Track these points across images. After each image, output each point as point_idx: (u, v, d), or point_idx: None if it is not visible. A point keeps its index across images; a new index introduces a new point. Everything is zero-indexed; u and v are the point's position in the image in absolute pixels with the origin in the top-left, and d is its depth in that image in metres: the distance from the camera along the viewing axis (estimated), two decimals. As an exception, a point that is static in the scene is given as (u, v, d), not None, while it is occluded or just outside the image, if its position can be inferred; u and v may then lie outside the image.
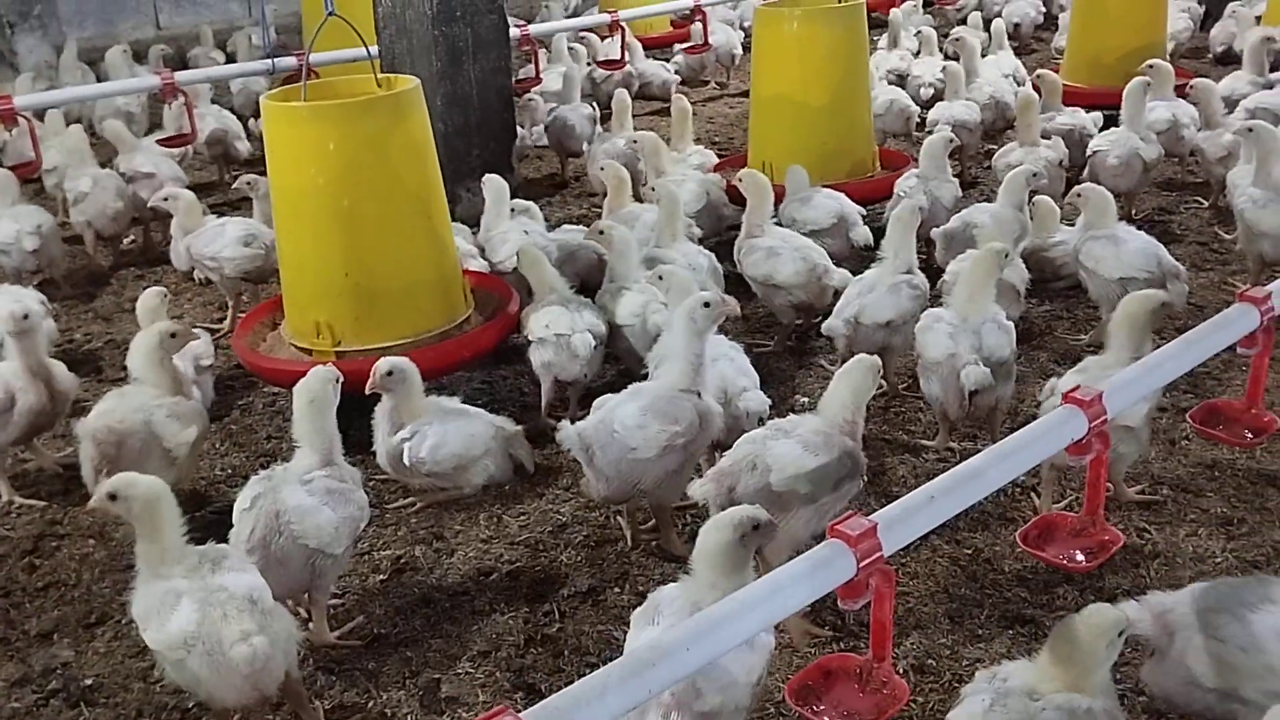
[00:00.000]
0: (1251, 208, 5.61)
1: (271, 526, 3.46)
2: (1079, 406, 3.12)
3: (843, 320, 4.79)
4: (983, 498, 3.04)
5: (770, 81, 6.86)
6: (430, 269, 4.88)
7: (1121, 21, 8.53)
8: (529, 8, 12.76)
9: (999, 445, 3.04)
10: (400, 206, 4.74)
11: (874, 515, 2.70)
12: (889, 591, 2.70)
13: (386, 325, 4.74)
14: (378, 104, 4.70)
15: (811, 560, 2.57)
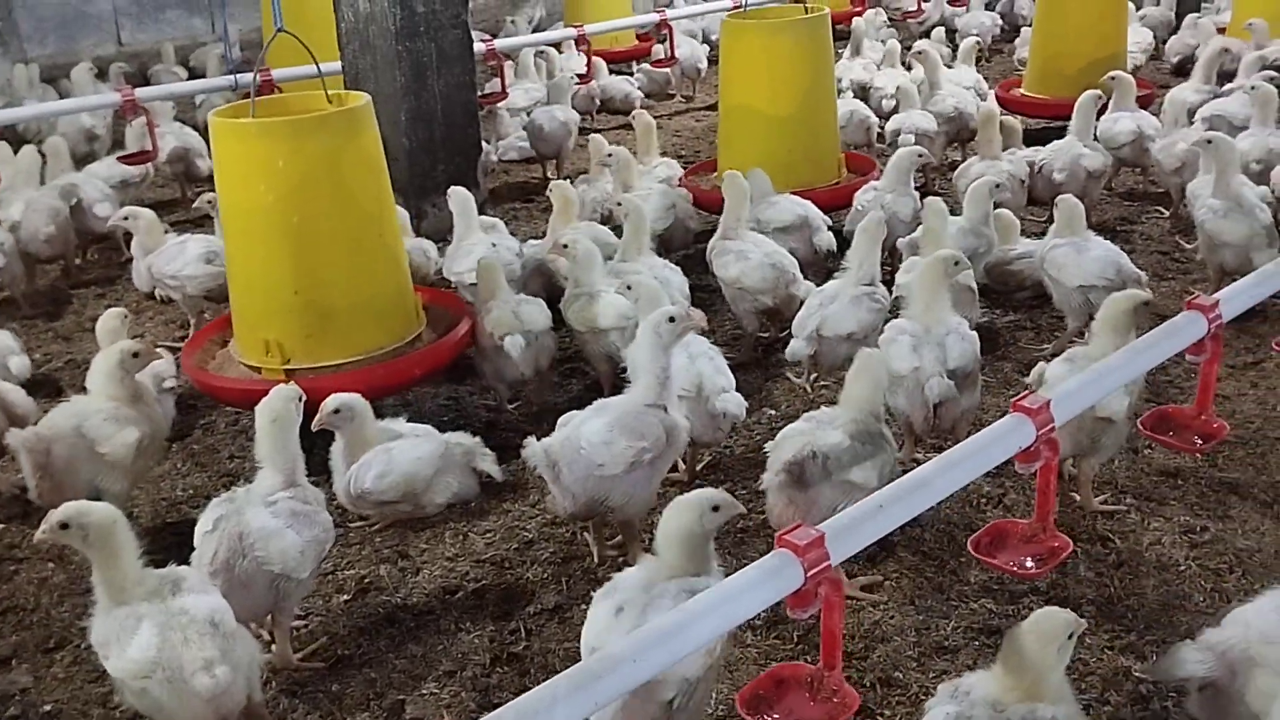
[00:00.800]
0: (1212, 218, 5.67)
1: (235, 549, 3.41)
2: (1026, 415, 3.15)
3: (805, 338, 4.79)
4: (933, 506, 3.05)
5: (738, 92, 6.91)
6: (381, 286, 4.84)
7: (1083, 33, 8.64)
8: (494, 22, 12.76)
9: (946, 454, 3.06)
10: (350, 223, 4.71)
11: (822, 524, 2.71)
12: (838, 600, 2.70)
13: (337, 343, 4.70)
14: (327, 121, 4.67)
15: (760, 570, 2.58)
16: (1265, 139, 6.69)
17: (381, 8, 6.64)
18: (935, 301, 4.41)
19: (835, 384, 5.17)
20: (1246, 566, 3.87)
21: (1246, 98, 7.19)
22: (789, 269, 5.38)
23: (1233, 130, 6.83)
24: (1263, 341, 5.43)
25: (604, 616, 2.97)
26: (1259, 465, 4.45)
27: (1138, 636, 3.57)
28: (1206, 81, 7.96)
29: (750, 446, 4.82)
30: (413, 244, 6.07)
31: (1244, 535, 4.04)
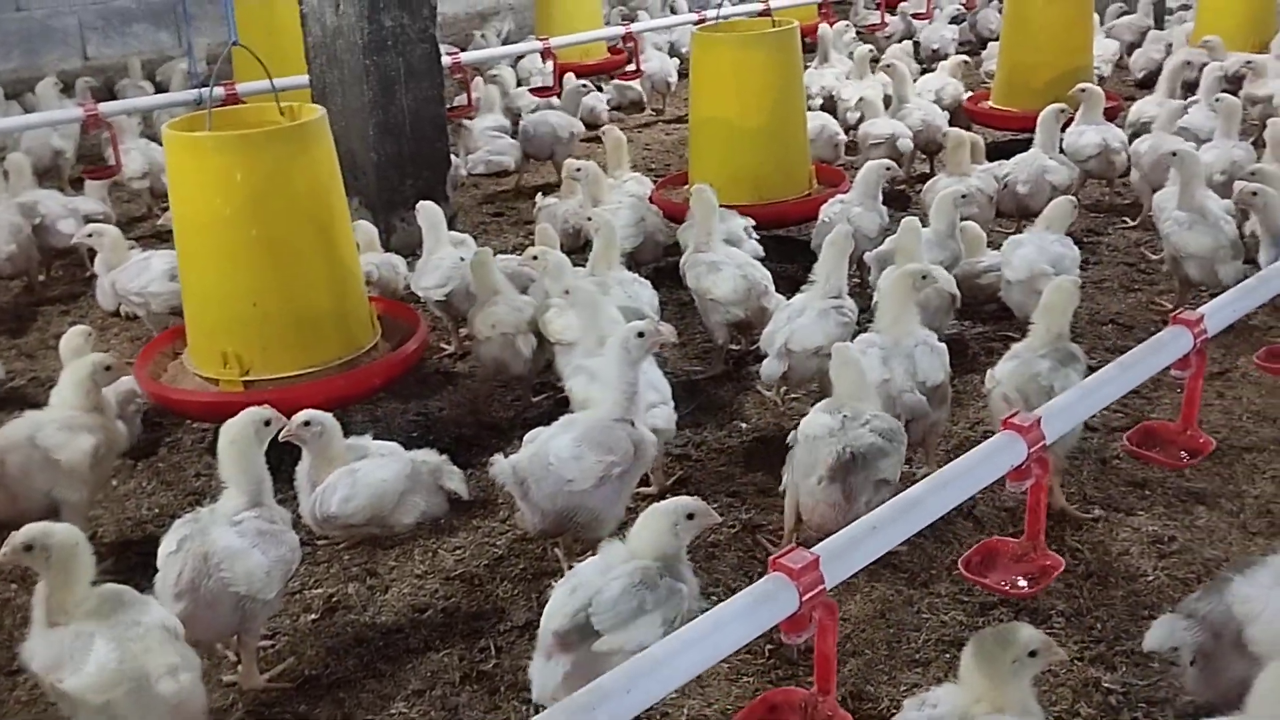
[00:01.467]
0: (1177, 230, 5.72)
1: (200, 569, 3.36)
2: (1018, 432, 3.14)
3: (776, 355, 4.78)
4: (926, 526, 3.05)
5: (708, 104, 6.93)
6: (337, 297, 4.85)
7: (1049, 46, 8.70)
8: (464, 35, 12.73)
9: (939, 474, 3.05)
10: (308, 235, 4.73)
11: (816, 547, 2.69)
12: (832, 624, 2.69)
13: (295, 354, 4.70)
14: (281, 134, 4.69)
15: (754, 595, 2.55)
16: (1229, 151, 6.79)
17: (349, 22, 6.61)
18: (903, 315, 4.42)
19: (806, 396, 5.19)
20: (1214, 576, 3.87)
21: (1210, 110, 7.31)
22: (761, 281, 5.39)
23: (1198, 143, 6.91)
24: (1228, 352, 5.47)
25: (560, 594, 3.10)
26: (1225, 475, 4.48)
27: (1107, 647, 3.58)
28: (1171, 95, 8.05)
29: (721, 459, 4.81)
30: (381, 259, 6.04)
31: (1211, 545, 4.06)
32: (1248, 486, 4.40)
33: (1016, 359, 4.24)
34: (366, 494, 3.92)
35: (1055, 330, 4.24)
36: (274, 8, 8.24)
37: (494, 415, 5.27)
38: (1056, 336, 4.24)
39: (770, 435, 4.98)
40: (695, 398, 5.32)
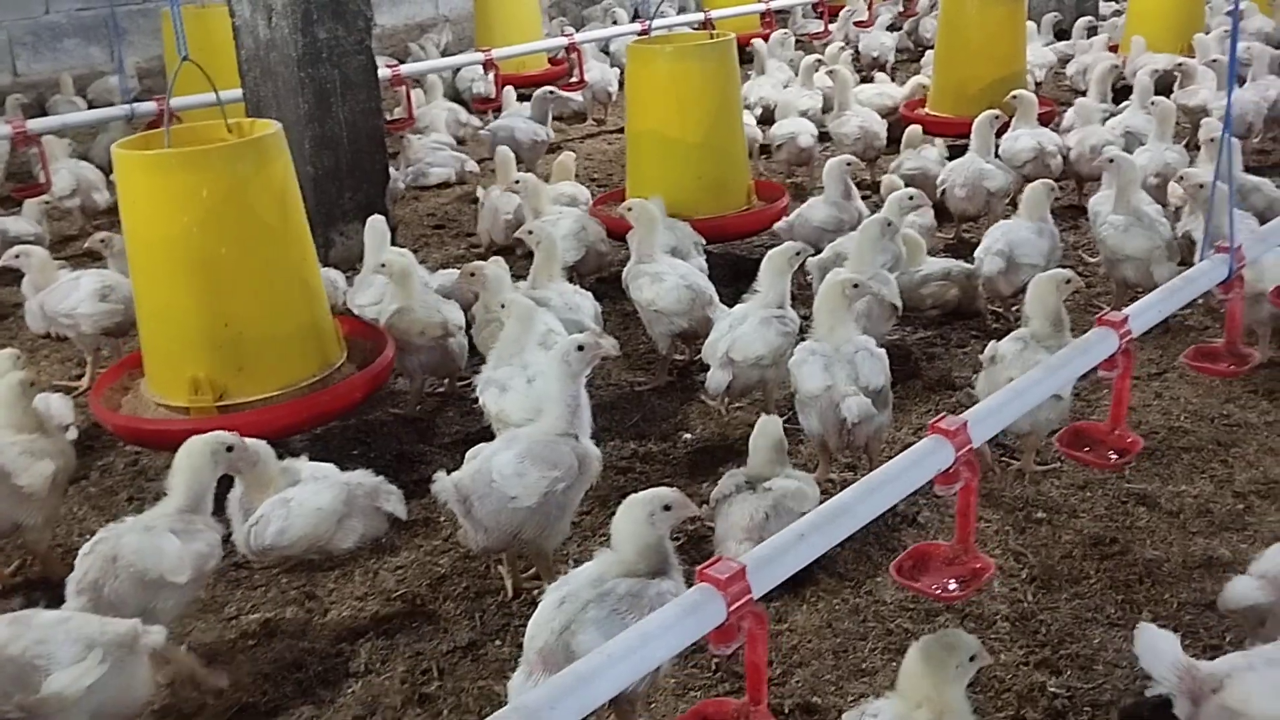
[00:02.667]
0: (1114, 233, 5.79)
1: (107, 570, 3.41)
2: (945, 436, 3.14)
3: (720, 366, 4.76)
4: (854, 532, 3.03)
5: (645, 117, 6.87)
6: (307, 314, 4.81)
7: (983, 54, 8.81)
8: (403, 47, 12.64)
9: (866, 480, 3.03)
10: (275, 252, 4.69)
11: (743, 556, 2.67)
12: (762, 633, 2.66)
13: (270, 375, 4.64)
14: (248, 148, 4.62)
15: (680, 606, 2.52)
16: (1162, 153, 6.91)
17: (283, 35, 6.53)
18: (839, 324, 4.44)
19: (750, 405, 5.18)
20: (1155, 577, 3.91)
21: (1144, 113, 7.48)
22: (705, 290, 5.38)
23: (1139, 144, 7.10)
24: (1165, 352, 5.53)
25: (546, 607, 3.04)
26: (1165, 475, 4.52)
27: (1051, 651, 3.59)
28: (1102, 99, 8.19)
29: (665, 471, 4.78)
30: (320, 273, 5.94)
31: (1152, 546, 4.09)
32: (1186, 486, 4.44)
33: (1023, 344, 4.43)
34: (302, 525, 3.85)
35: (1050, 319, 4.46)
36: (206, 22, 8.15)
37: (436, 430, 5.21)
38: (1053, 325, 4.45)
39: (714, 445, 4.96)
40: (639, 409, 5.30)
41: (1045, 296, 4.49)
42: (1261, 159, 8.45)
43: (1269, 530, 4.13)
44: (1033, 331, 4.48)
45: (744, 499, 3.80)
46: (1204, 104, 8.34)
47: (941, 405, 5.19)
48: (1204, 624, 3.67)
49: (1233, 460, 4.60)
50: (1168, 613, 3.73)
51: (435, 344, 5.15)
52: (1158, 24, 10.47)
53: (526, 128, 8.64)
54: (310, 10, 6.49)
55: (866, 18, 13.05)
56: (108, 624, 3.14)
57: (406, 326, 5.10)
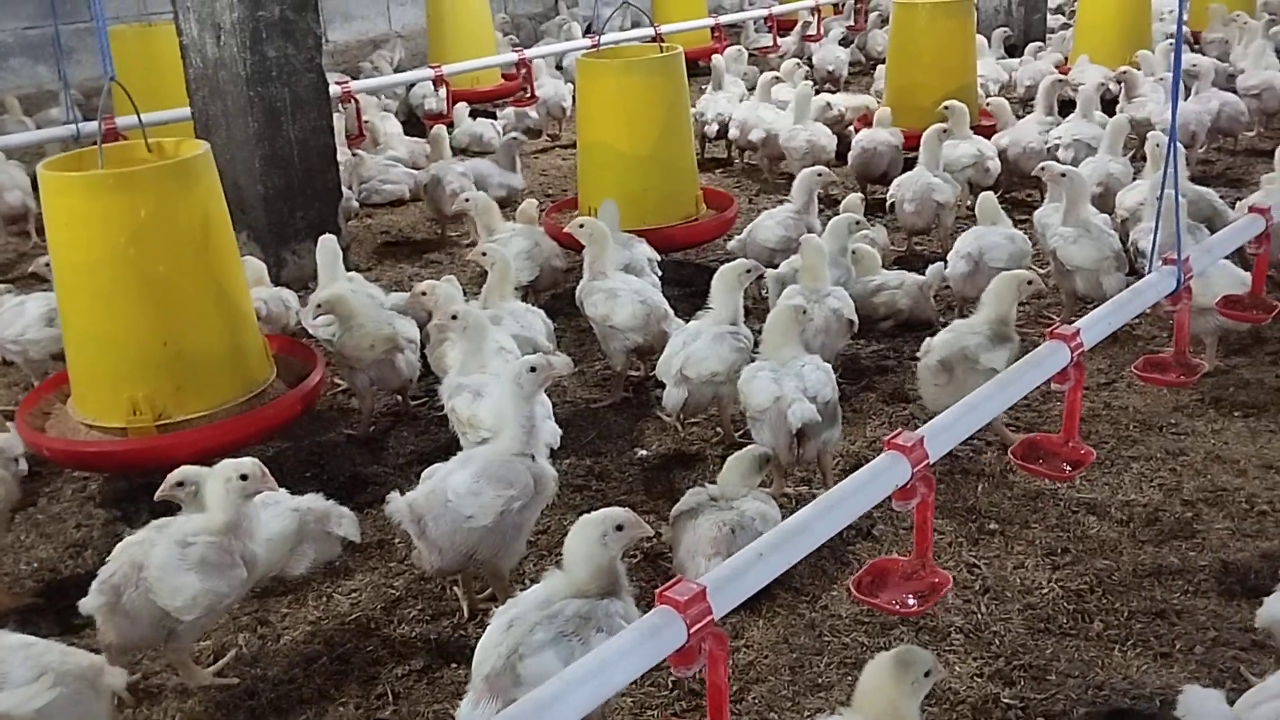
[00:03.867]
0: (1064, 245, 5.86)
1: (129, 578, 3.46)
2: (901, 452, 3.15)
3: (674, 382, 4.77)
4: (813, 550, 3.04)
5: (595, 130, 6.91)
6: (239, 332, 4.84)
7: (934, 66, 8.94)
8: (356, 64, 12.57)
9: (824, 497, 3.03)
10: (211, 270, 4.71)
11: (703, 578, 2.66)
12: (723, 655, 2.65)
13: (206, 393, 4.66)
14: (178, 168, 4.64)
15: (640, 630, 2.51)
16: (1105, 164, 7.04)
17: (231, 53, 6.48)
18: (786, 344, 4.49)
19: (706, 420, 5.19)
20: (1106, 585, 3.95)
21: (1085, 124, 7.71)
22: (660, 305, 5.38)
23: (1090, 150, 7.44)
24: (1114, 362, 5.61)
25: (494, 630, 3.03)
26: (1114, 485, 4.57)
27: (1005, 663, 3.61)
28: (1048, 113, 8.33)
29: (622, 488, 4.77)
30: (271, 293, 5.91)
31: (1103, 555, 4.13)
32: (1136, 495, 4.50)
33: (953, 332, 4.75)
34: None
35: (998, 315, 4.74)
36: (152, 41, 8.07)
37: (390, 451, 5.17)
38: (998, 321, 4.72)
39: (671, 461, 4.97)
40: (595, 426, 5.29)
41: (1003, 293, 4.73)
42: (1206, 169, 8.60)
43: (1217, 538, 4.19)
44: (970, 323, 4.77)
45: (709, 514, 3.79)
46: (1150, 116, 8.49)
47: (895, 417, 5.23)
48: (1154, 632, 3.72)
49: (1181, 469, 4.66)
50: (1119, 621, 3.77)
51: (386, 357, 5.12)
52: (1105, 38, 10.65)
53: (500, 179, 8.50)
54: (259, 29, 6.44)
55: (817, 32, 13.15)
56: (70, 654, 3.11)
57: (356, 343, 5.07)
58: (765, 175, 9.11)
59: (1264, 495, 4.44)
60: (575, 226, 5.64)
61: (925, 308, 6.00)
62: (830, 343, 5.16)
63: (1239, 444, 4.83)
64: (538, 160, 10.23)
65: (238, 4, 6.38)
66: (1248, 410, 5.10)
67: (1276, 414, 5.06)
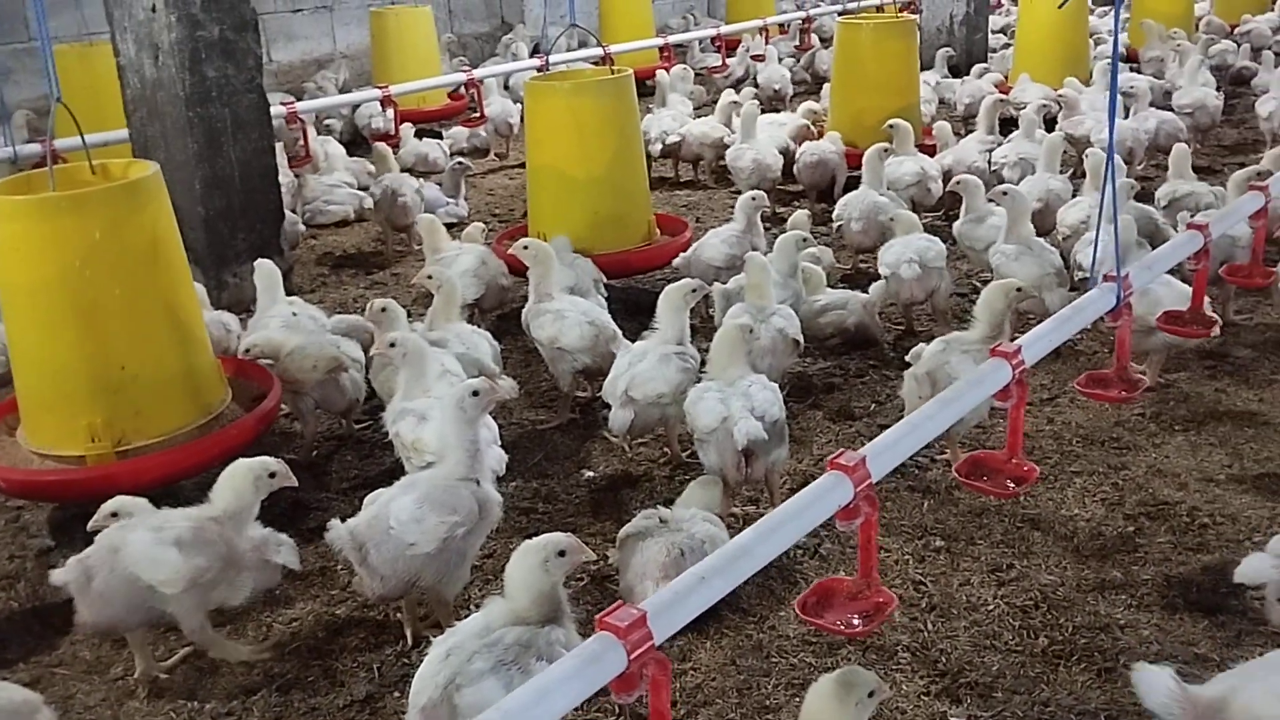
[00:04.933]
0: (1005, 261, 5.94)
1: (103, 560, 3.59)
2: (844, 472, 3.14)
3: (620, 404, 4.74)
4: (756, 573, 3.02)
5: (544, 152, 6.86)
6: (195, 355, 4.83)
7: (878, 85, 9.02)
8: (300, 84, 12.47)
9: (767, 519, 3.02)
10: (164, 292, 4.70)
11: (644, 603, 2.63)
12: (665, 680, 2.62)
13: (164, 417, 4.64)
14: (128, 190, 4.59)
15: (579, 657, 2.47)
16: (1045, 181, 7.15)
17: (170, 74, 6.40)
18: (732, 364, 4.47)
19: (653, 441, 5.17)
20: (1051, 601, 3.97)
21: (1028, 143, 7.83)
22: (608, 327, 5.36)
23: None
24: (1057, 378, 5.66)
25: (432, 660, 2.99)
26: (1058, 500, 4.60)
27: (952, 680, 3.61)
28: (990, 132, 8.45)
29: (569, 510, 4.73)
30: (211, 317, 5.80)
31: (1047, 571, 4.15)
32: (1079, 510, 4.53)
33: (945, 345, 4.74)
34: None
35: (992, 327, 4.70)
36: (92, 61, 7.97)
37: (332, 475, 5.10)
38: (991, 336, 4.63)
39: (618, 483, 4.94)
40: (541, 447, 5.25)
41: (994, 303, 4.74)
42: (1146, 184, 8.72)
43: (1159, 552, 4.23)
44: (963, 337, 4.78)
45: (658, 537, 3.77)
46: (1088, 133, 8.64)
47: (842, 435, 5.24)
48: (1098, 647, 3.73)
49: (1123, 483, 4.70)
50: (1063, 637, 3.78)
51: (330, 378, 5.06)
52: (1044, 57, 10.82)
53: (444, 206, 8.51)
54: (199, 49, 6.37)
55: (763, 51, 13.25)
56: (3, 689, 3.07)
57: (299, 365, 5.02)
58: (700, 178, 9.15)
59: (1204, 508, 4.48)
60: (519, 248, 5.60)
61: (871, 326, 6.03)
62: (776, 363, 5.16)
63: (1179, 458, 4.88)
64: (485, 180, 10.19)
65: (176, 25, 6.30)
66: (1187, 424, 5.17)
67: (1216, 428, 5.12)
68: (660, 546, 3.73)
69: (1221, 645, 3.70)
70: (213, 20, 6.40)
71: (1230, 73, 11.99)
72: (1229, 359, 5.80)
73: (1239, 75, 11.96)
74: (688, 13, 17.22)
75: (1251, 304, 6.42)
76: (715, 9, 17.96)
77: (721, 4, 17.23)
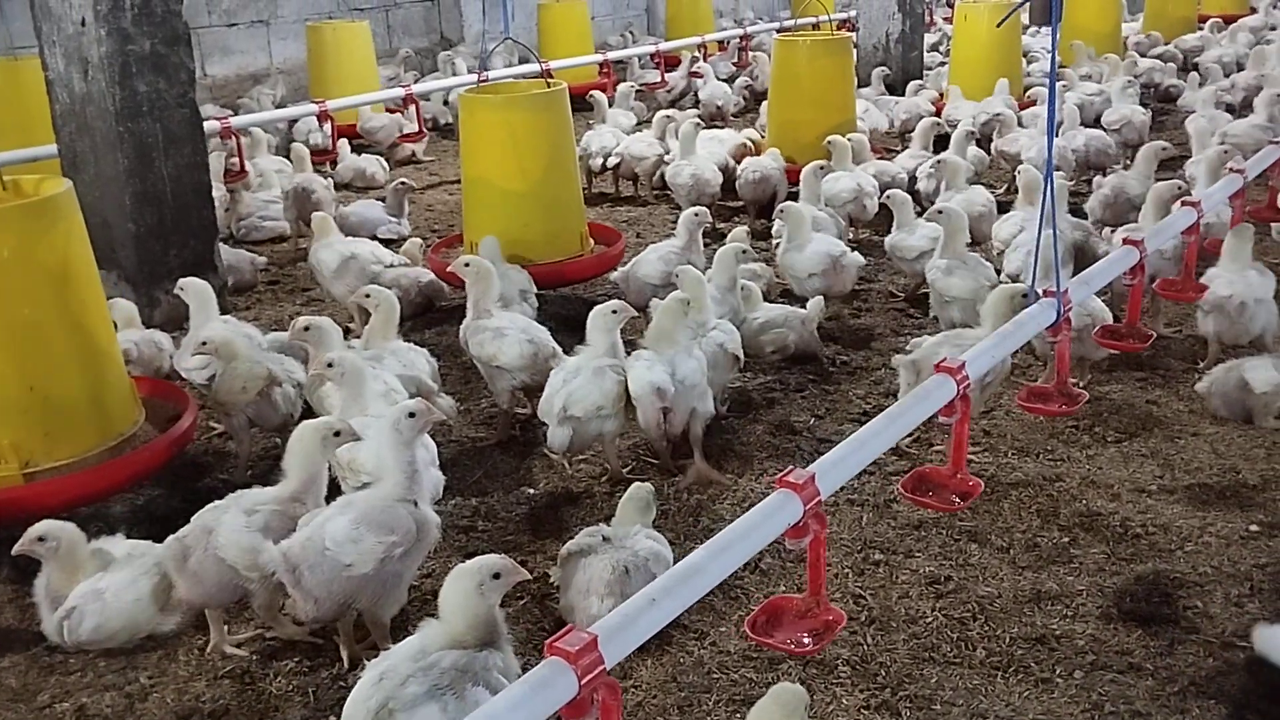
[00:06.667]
0: (941, 276, 6.01)
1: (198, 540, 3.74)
2: (793, 490, 3.14)
3: (558, 422, 4.73)
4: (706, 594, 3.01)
5: (478, 165, 6.86)
6: (106, 375, 4.73)
7: (814, 103, 9.10)
8: (235, 98, 12.33)
9: (716, 539, 2.99)
10: (74, 311, 4.60)
11: (594, 626, 2.61)
12: (616, 704, 2.59)
13: (74, 438, 4.54)
14: (46, 205, 4.51)
15: (530, 683, 2.44)
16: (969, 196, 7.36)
17: (99, 88, 6.27)
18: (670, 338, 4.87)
19: (594, 458, 5.15)
20: (988, 613, 4.00)
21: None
22: (547, 344, 5.34)
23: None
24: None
25: (364, 684, 2.94)
26: (994, 512, 4.65)
27: (891, 693, 3.63)
28: (924, 148, 8.59)
29: (509, 529, 4.70)
30: (142, 335, 5.72)
31: (984, 582, 4.19)
32: (1015, 522, 4.58)
33: (943, 339, 5.02)
34: (120, 620, 3.73)
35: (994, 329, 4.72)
36: (19, 75, 7.81)
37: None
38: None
39: (559, 500, 4.91)
40: (481, 465, 5.21)
41: (999, 308, 4.91)
42: (1079, 200, 8.88)
43: (1093, 563, 4.28)
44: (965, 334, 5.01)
45: (602, 555, 3.76)
46: (1020, 150, 8.81)
47: (782, 449, 5.25)
48: (1034, 658, 3.77)
49: (1058, 494, 4.76)
50: (1000, 648, 3.81)
51: (260, 397, 4.98)
52: (977, 74, 11.00)
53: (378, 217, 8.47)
54: (129, 63, 6.25)
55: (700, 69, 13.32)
56: None
57: (228, 387, 4.93)
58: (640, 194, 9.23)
59: (1137, 519, 4.55)
60: (460, 265, 5.56)
61: (810, 341, 6.06)
62: (717, 377, 5.17)
63: (1112, 469, 4.96)
64: (424, 195, 10.13)
65: (106, 39, 6.18)
66: (1120, 435, 5.25)
67: (1147, 438, 5.21)
68: (605, 564, 3.71)
69: (1155, 654, 3.75)
70: (144, 34, 6.29)
71: (1158, 90, 12.28)
72: (1160, 371, 5.91)
73: (1166, 93, 12.25)
74: (627, 30, 17.29)
75: (1181, 316, 6.55)
76: (655, 26, 18.05)
77: (661, 21, 17.33)
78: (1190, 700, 3.53)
